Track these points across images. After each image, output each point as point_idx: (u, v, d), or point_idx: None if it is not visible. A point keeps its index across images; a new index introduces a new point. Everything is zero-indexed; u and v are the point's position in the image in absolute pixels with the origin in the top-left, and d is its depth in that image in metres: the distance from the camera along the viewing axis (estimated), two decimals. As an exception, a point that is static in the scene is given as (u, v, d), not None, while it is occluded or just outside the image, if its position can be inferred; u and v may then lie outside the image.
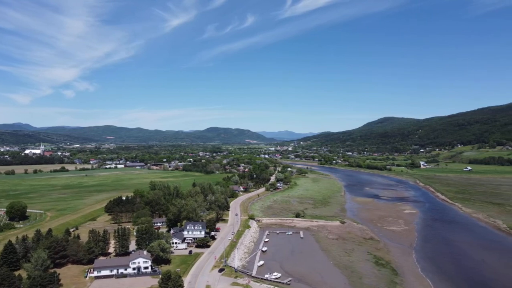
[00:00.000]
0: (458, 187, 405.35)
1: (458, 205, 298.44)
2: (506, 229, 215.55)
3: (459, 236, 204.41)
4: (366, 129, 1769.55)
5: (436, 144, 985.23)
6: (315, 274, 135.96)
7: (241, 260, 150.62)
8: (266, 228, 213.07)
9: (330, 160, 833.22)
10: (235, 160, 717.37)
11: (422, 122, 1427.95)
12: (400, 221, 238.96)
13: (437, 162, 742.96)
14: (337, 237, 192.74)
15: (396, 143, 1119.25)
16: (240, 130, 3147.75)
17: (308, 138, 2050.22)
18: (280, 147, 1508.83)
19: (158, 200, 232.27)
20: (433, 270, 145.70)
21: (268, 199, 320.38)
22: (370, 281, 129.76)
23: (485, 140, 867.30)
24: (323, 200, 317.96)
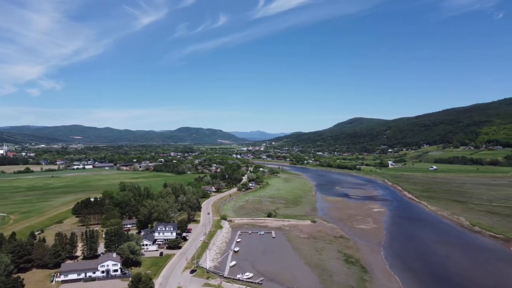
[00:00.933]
0: (424, 185, 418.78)
1: (424, 203, 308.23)
2: (468, 225, 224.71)
3: (425, 233, 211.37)
4: (337, 129, 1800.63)
5: (403, 144, 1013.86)
6: (287, 273, 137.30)
7: (213, 261, 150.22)
8: (238, 228, 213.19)
9: (301, 160, 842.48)
10: (207, 161, 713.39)
11: (390, 123, 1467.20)
12: (369, 219, 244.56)
13: (404, 162, 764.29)
14: (308, 236, 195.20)
15: (365, 143, 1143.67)
16: (212, 130, 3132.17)
17: (280, 138, 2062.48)
18: (252, 147, 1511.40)
19: (128, 201, 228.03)
20: (400, 266, 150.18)
21: (240, 199, 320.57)
22: (340, 279, 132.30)
23: (449, 140, 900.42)
24: (295, 199, 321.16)
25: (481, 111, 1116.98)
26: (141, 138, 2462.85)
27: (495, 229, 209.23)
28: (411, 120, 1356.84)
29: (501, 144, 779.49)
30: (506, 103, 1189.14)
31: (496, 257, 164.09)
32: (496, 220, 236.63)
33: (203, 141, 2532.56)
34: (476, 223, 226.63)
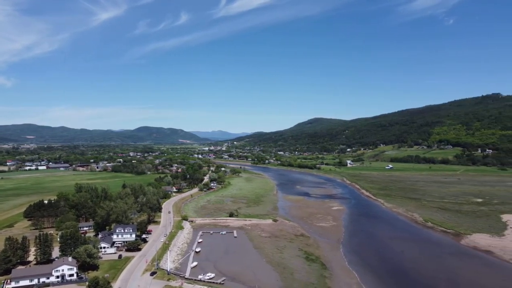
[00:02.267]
0: (381, 184, 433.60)
1: (380, 200, 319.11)
2: (422, 222, 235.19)
3: (381, 229, 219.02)
4: (297, 129, 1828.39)
5: (361, 143, 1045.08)
6: (249, 272, 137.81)
7: (174, 262, 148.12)
8: (199, 228, 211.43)
9: (263, 160, 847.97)
10: (167, 160, 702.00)
11: (349, 123, 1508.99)
12: (328, 217, 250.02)
13: (362, 161, 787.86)
14: (269, 235, 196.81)
15: (325, 143, 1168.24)
16: (173, 130, 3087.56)
17: (241, 138, 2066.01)
18: (214, 147, 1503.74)
19: (84, 203, 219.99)
20: (358, 262, 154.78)
21: (201, 199, 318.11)
22: (301, 276, 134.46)
23: (404, 140, 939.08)
24: (256, 199, 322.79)
25: (433, 112, 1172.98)
26: (98, 137, 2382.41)
27: (446, 225, 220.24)
28: (368, 120, 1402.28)
29: (451, 144, 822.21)
30: (456, 104, 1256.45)
31: (447, 251, 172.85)
32: (447, 216, 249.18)
33: (164, 141, 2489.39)
34: (429, 219, 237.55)
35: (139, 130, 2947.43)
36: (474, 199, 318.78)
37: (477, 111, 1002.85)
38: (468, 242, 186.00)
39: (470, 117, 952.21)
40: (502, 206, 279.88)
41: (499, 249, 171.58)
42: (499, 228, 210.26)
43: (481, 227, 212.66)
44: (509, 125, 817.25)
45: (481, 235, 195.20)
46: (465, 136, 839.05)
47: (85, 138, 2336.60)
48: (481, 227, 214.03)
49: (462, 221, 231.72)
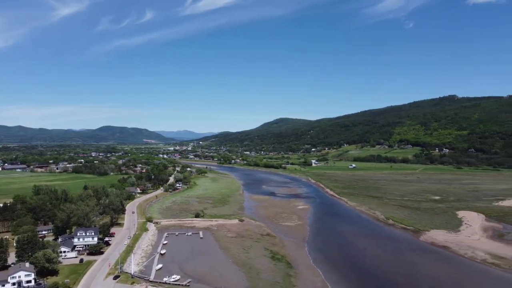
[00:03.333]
0: (345, 183, 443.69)
1: (344, 199, 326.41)
2: (383, 219, 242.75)
3: (345, 227, 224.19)
4: (263, 129, 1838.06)
5: (325, 143, 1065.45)
6: (215, 273, 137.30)
7: (138, 265, 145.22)
8: (165, 230, 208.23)
9: (229, 160, 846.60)
10: (131, 161, 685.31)
11: (314, 123, 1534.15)
12: (294, 216, 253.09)
13: (326, 160, 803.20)
14: (236, 235, 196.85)
15: (290, 143, 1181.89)
16: (137, 130, 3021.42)
17: (207, 138, 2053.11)
18: (180, 147, 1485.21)
19: (43, 205, 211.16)
20: (323, 260, 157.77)
21: (167, 200, 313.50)
22: (267, 276, 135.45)
23: (366, 140, 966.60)
24: (222, 199, 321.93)
25: (394, 113, 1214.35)
26: (58, 137, 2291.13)
27: (406, 222, 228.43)
28: (332, 120, 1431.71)
29: (411, 143, 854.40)
30: (415, 105, 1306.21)
31: (407, 247, 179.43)
32: (407, 213, 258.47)
33: (127, 140, 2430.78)
34: (390, 216, 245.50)
35: (102, 130, 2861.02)
36: (432, 196, 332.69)
37: (434, 112, 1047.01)
38: (427, 238, 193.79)
39: (429, 117, 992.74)
40: (457, 203, 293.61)
41: (455, 244, 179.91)
42: (455, 224, 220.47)
43: (438, 224, 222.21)
44: (464, 125, 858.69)
45: (439, 231, 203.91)
46: (424, 136, 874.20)
47: (44, 138, 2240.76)
48: (439, 223, 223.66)
49: (421, 218, 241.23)
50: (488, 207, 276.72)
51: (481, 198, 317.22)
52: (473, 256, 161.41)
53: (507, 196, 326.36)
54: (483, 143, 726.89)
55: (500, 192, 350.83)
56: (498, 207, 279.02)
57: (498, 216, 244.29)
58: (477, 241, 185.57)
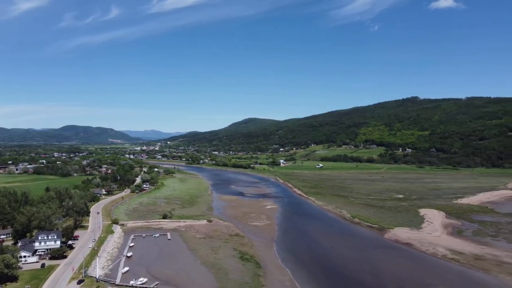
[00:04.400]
0: (312, 182, 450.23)
1: (312, 198, 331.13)
2: (349, 218, 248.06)
3: (313, 226, 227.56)
4: (232, 129, 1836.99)
5: (293, 143, 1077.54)
6: (183, 275, 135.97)
7: (104, 269, 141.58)
8: (131, 232, 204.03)
9: (197, 160, 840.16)
10: (96, 161, 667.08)
11: (282, 123, 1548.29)
12: (262, 216, 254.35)
13: (294, 160, 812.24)
14: (204, 236, 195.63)
15: (259, 143, 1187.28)
16: (102, 129, 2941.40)
17: (175, 137, 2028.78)
18: (147, 147, 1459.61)
19: (1, 209, 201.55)
20: (291, 259, 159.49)
21: (133, 201, 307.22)
22: (236, 276, 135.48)
23: (333, 140, 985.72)
24: (191, 199, 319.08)
25: (359, 114, 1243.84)
26: (18, 137, 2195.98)
27: (371, 220, 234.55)
28: (300, 121, 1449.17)
29: (376, 143, 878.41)
30: (380, 106, 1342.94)
31: (372, 245, 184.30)
32: (372, 211, 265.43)
33: (92, 140, 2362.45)
34: (356, 215, 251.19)
35: (65, 129, 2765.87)
36: (396, 195, 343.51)
37: (398, 113, 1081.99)
38: (391, 236, 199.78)
39: (392, 118, 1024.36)
40: (420, 201, 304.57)
41: (417, 241, 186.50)
42: (417, 222, 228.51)
43: (402, 222, 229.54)
44: (425, 126, 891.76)
45: (402, 229, 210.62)
46: (388, 136, 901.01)
47: (2, 137, 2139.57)
48: (402, 221, 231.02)
49: (385, 216, 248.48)
50: (448, 204, 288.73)
51: (442, 196, 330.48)
52: (434, 252, 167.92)
53: (465, 194, 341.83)
54: (443, 143, 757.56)
55: (459, 190, 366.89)
56: (457, 204, 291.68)
57: (457, 213, 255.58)
58: (438, 237, 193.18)
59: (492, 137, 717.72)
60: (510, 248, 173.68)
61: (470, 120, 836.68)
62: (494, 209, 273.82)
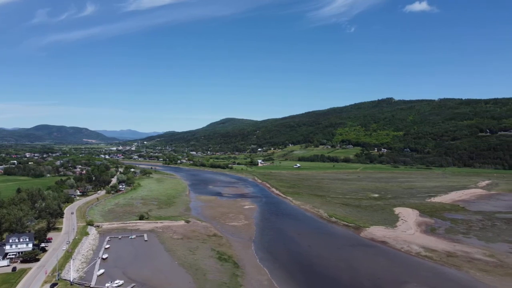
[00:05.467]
0: (290, 182, 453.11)
1: (289, 198, 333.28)
2: (326, 217, 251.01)
3: (290, 226, 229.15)
4: (210, 129, 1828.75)
5: (271, 143, 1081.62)
6: (160, 276, 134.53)
7: (78, 271, 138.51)
8: (107, 233, 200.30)
9: (175, 160, 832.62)
10: (70, 162, 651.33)
11: (260, 124, 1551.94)
12: (240, 216, 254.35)
13: (272, 160, 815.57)
14: (182, 237, 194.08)
15: (237, 143, 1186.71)
16: (77, 129, 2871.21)
17: (152, 137, 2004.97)
18: (123, 147, 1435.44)
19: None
20: (269, 259, 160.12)
21: (109, 202, 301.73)
22: (214, 276, 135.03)
23: (310, 140, 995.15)
24: (168, 200, 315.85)
25: (336, 114, 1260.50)
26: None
27: (348, 219, 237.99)
28: (278, 121, 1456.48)
29: (352, 143, 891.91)
30: (356, 107, 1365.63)
31: (348, 243, 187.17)
32: (348, 210, 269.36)
33: (66, 140, 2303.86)
34: (332, 214, 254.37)
35: (37, 129, 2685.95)
36: (372, 194, 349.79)
37: (373, 114, 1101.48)
38: (367, 234, 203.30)
39: (368, 119, 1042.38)
40: (394, 200, 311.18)
41: (392, 239, 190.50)
42: (392, 220, 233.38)
43: (377, 220, 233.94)
44: (400, 126, 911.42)
45: (378, 227, 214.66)
46: (364, 136, 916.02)
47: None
48: (377, 220, 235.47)
49: (362, 215, 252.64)
50: (421, 203, 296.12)
51: (416, 195, 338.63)
52: (408, 250, 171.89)
53: (438, 193, 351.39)
54: (417, 143, 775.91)
55: (432, 189, 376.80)
56: (430, 203, 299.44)
57: (430, 211, 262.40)
58: (412, 235, 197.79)
59: (464, 137, 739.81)
60: (480, 245, 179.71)
61: (443, 121, 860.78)
62: (465, 208, 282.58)
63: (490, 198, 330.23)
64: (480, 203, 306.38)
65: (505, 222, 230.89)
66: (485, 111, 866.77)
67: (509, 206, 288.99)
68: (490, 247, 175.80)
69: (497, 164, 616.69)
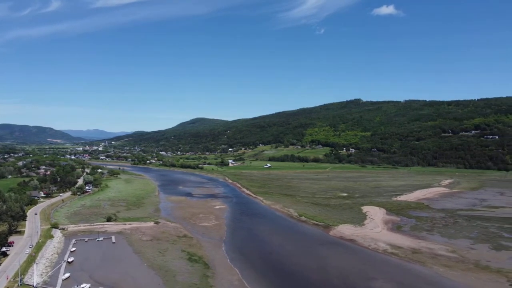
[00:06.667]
0: (260, 182, 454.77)
1: (260, 198, 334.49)
2: (297, 216, 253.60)
3: (261, 226, 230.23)
4: (180, 129, 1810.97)
5: (242, 143, 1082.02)
6: (129, 279, 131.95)
7: (42, 276, 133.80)
8: (73, 236, 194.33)
9: (144, 160, 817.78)
10: (34, 162, 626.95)
11: (230, 123, 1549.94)
12: (211, 216, 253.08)
13: (243, 160, 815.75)
14: (151, 238, 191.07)
15: (207, 143, 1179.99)
16: (41, 128, 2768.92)
17: (120, 137, 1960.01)
18: (90, 147, 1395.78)
19: None
20: (240, 259, 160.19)
21: (75, 204, 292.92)
22: (184, 278, 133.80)
23: (281, 140, 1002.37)
24: (137, 201, 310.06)
25: (306, 115, 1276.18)
26: None
27: (317, 218, 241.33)
28: (248, 121, 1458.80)
29: (321, 144, 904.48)
30: (325, 108, 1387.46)
31: (318, 242, 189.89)
32: (318, 210, 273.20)
33: (29, 140, 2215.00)
34: (302, 213, 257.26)
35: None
36: (340, 193, 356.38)
37: (342, 115, 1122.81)
38: (336, 233, 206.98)
39: (337, 119, 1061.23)
40: (362, 199, 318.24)
41: (360, 237, 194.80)
42: (360, 219, 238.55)
43: (346, 219, 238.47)
44: (367, 127, 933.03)
45: (346, 226, 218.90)
46: (333, 136, 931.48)
47: None
48: (346, 218, 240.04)
49: (331, 214, 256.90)
50: (388, 202, 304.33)
51: (382, 194, 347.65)
52: (376, 247, 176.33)
53: (404, 191, 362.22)
54: (384, 143, 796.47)
55: (398, 188, 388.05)
56: (396, 201, 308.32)
57: (396, 209, 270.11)
58: (379, 233, 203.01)
59: (427, 137, 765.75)
60: (443, 241, 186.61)
61: (408, 122, 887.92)
62: (429, 205, 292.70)
63: (453, 196, 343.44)
64: (443, 201, 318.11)
65: (466, 219, 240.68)
66: (447, 112, 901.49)
67: (470, 204, 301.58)
68: (452, 243, 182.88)
69: (459, 164, 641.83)
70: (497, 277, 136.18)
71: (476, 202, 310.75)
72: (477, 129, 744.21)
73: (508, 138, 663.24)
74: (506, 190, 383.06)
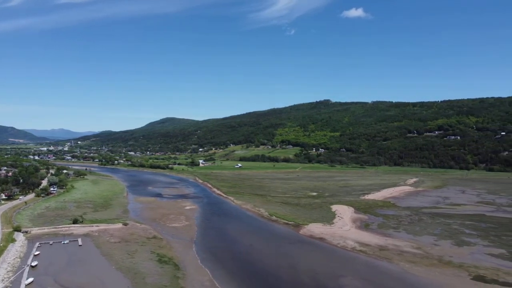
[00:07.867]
0: (231, 182, 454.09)
1: (231, 198, 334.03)
2: (267, 216, 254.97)
3: (232, 226, 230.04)
4: (149, 129, 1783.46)
5: (213, 143, 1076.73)
6: (96, 282, 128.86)
7: (4, 281, 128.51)
8: (36, 239, 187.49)
9: (112, 160, 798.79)
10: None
11: (201, 123, 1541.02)
12: (181, 217, 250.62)
13: (213, 160, 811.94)
14: (119, 240, 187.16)
15: (177, 143, 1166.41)
16: (2, 127, 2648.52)
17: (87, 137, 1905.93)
18: (54, 147, 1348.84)
19: None
20: (211, 259, 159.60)
21: (39, 206, 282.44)
22: (154, 279, 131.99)
23: (251, 140, 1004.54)
24: (104, 202, 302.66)
25: (276, 115, 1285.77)
26: None
27: (288, 217, 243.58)
28: (219, 121, 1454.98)
29: (292, 144, 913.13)
30: (295, 108, 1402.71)
31: (288, 241, 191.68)
32: (288, 209, 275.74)
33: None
34: (273, 213, 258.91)
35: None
36: (310, 193, 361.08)
37: (312, 115, 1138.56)
38: (306, 232, 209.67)
39: (307, 120, 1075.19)
40: (331, 198, 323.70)
41: (330, 235, 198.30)
42: (329, 218, 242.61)
43: (315, 218, 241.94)
44: (336, 127, 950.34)
45: (316, 225, 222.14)
46: (303, 137, 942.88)
47: None
48: (316, 217, 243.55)
49: (301, 213, 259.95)
50: (356, 200, 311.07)
51: (351, 193, 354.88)
52: (344, 245, 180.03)
53: (371, 190, 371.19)
54: (352, 144, 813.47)
55: (366, 187, 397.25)
56: (364, 200, 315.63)
57: (364, 208, 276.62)
58: (348, 231, 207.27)
59: (394, 138, 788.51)
60: (408, 238, 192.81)
61: (375, 122, 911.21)
62: (396, 204, 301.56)
63: (417, 195, 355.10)
64: (408, 199, 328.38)
65: (430, 216, 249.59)
66: (412, 113, 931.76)
67: (434, 202, 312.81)
68: (417, 240, 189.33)
69: (423, 163, 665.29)
70: (459, 272, 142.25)
71: (440, 200, 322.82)
72: (440, 129, 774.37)
73: (469, 139, 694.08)
74: (467, 188, 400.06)
